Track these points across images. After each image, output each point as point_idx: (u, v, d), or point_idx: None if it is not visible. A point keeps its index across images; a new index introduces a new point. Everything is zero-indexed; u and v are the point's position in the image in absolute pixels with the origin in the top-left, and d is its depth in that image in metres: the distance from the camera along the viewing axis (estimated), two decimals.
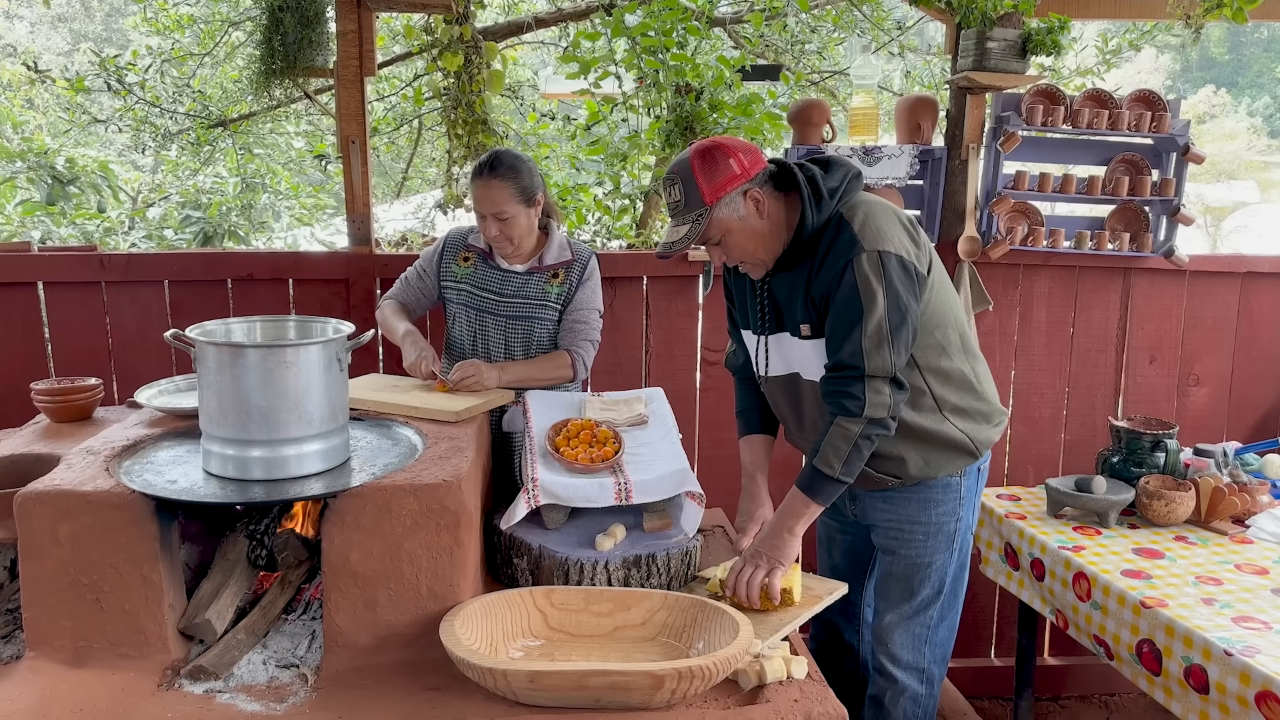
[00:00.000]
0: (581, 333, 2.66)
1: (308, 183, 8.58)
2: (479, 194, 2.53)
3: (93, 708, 1.72)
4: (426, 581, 1.90)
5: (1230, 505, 2.66)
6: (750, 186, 2.05)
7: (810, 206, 2.04)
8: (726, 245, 2.09)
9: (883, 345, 1.99)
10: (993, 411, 2.32)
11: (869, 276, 1.99)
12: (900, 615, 2.35)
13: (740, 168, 2.03)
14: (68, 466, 1.97)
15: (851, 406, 2.00)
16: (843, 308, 2.01)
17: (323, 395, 1.97)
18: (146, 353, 3.08)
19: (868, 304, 1.98)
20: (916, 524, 2.29)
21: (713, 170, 2.02)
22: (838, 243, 2.04)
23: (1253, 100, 23.65)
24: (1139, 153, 3.33)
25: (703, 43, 4.04)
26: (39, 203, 6.09)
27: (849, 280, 2.00)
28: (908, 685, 2.39)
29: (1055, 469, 3.54)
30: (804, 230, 2.05)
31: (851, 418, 2.01)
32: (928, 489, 2.26)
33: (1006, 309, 3.42)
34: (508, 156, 2.55)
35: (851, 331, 2.00)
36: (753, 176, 2.05)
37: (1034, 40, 3.11)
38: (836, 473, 2.03)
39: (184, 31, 6.44)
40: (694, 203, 2.03)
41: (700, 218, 2.03)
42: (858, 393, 2.00)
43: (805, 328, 2.13)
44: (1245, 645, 1.98)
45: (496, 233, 2.55)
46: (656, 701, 1.70)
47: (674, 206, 2.08)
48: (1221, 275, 3.51)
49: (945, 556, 2.31)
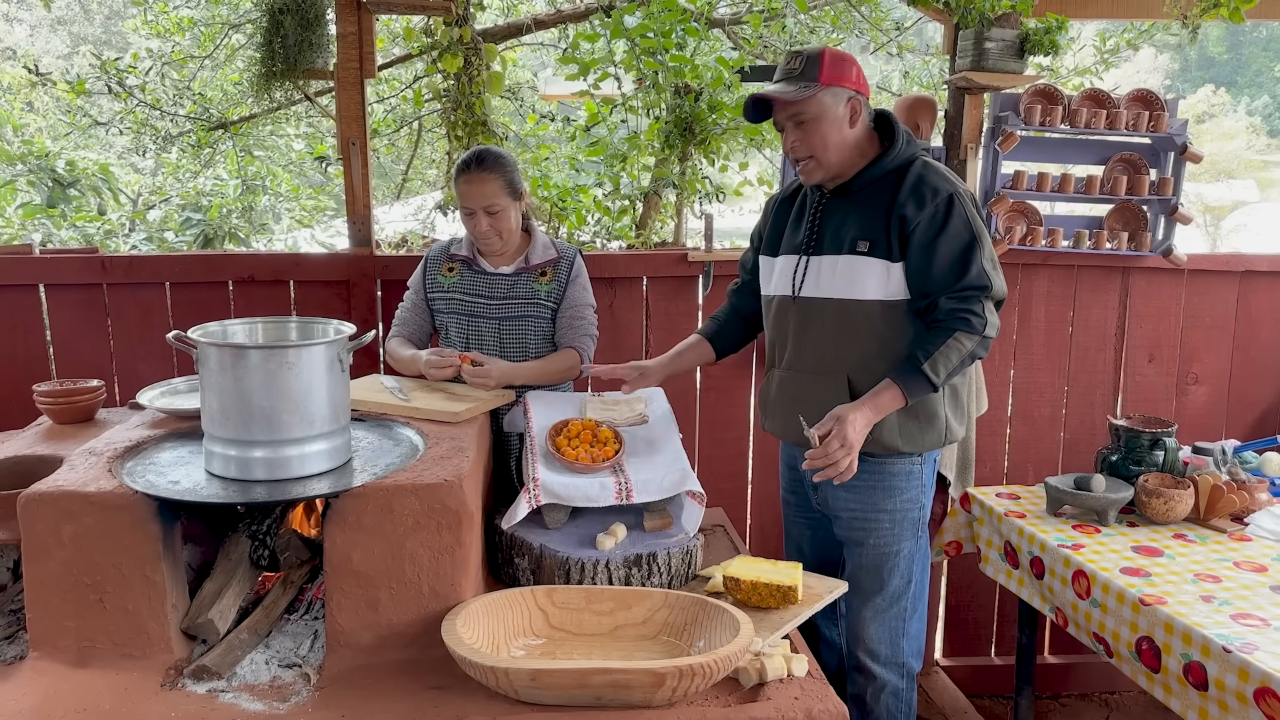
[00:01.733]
0: (580, 329, 2.68)
1: (308, 184, 8.59)
2: (468, 189, 2.54)
3: (96, 707, 1.73)
4: (428, 581, 1.91)
5: (1229, 503, 2.67)
6: (855, 96, 2.22)
7: (902, 141, 2.24)
8: (808, 130, 2.20)
9: (996, 269, 2.19)
10: (963, 403, 2.41)
11: (973, 211, 2.19)
12: (874, 609, 2.39)
13: (856, 79, 2.22)
14: (70, 468, 1.97)
15: (976, 323, 2.15)
16: (952, 235, 2.15)
17: (324, 396, 1.98)
18: (148, 354, 3.09)
19: (978, 231, 2.17)
20: (882, 512, 2.34)
21: (839, 65, 2.19)
22: (931, 178, 2.20)
23: (1251, 99, 23.66)
24: (1137, 152, 3.34)
25: (701, 44, 4.04)
26: (40, 205, 6.10)
27: (959, 210, 2.16)
28: (888, 681, 2.42)
29: (1054, 467, 3.55)
30: (885, 158, 2.23)
31: (971, 333, 2.15)
32: (890, 476, 2.32)
33: (1006, 308, 3.41)
34: (492, 151, 2.58)
35: (971, 254, 2.15)
36: (862, 93, 2.24)
37: (1032, 40, 3.12)
38: (940, 379, 2.15)
39: (184, 34, 6.45)
40: (810, 75, 2.18)
41: (809, 87, 2.16)
42: (980, 310, 2.15)
43: (864, 244, 2.23)
44: (1244, 642, 1.98)
45: (487, 227, 2.57)
46: (658, 699, 1.70)
47: (788, 70, 2.21)
48: (1220, 274, 3.52)
49: (911, 544, 2.38)
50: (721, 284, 3.26)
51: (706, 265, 3.25)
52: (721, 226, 3.54)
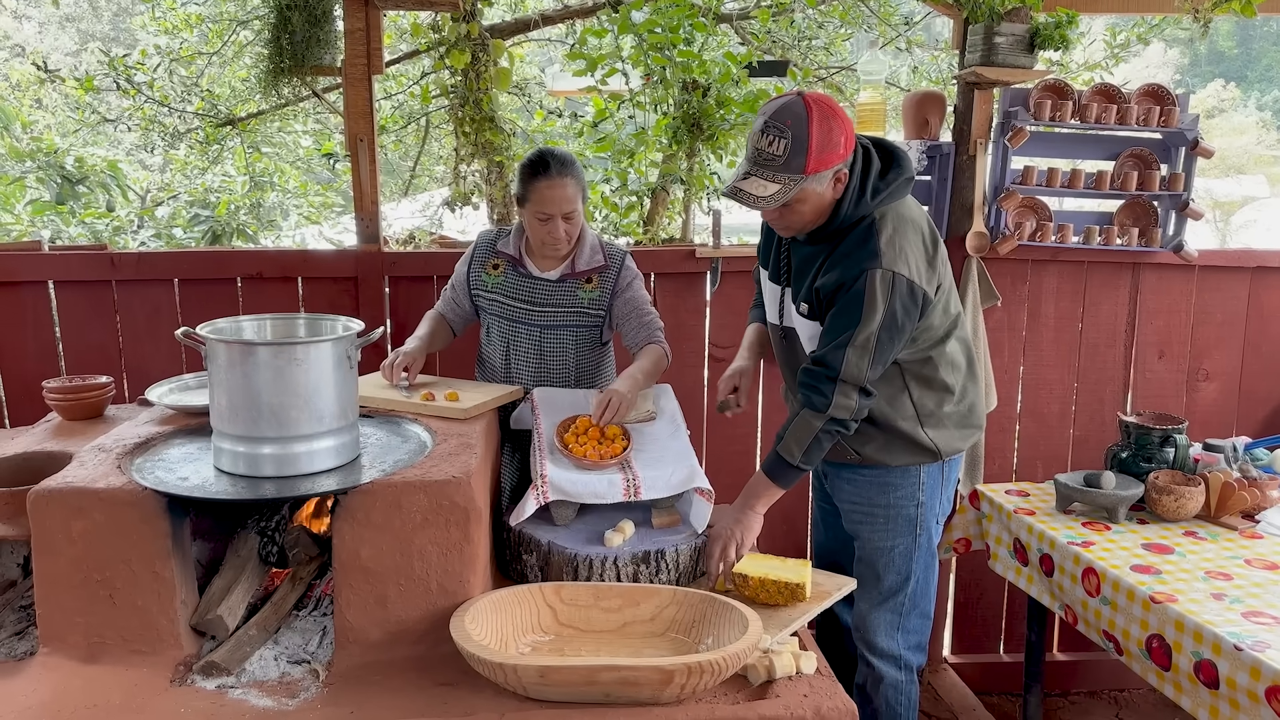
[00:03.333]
0: (651, 325, 2.63)
1: (316, 181, 8.59)
2: (550, 194, 2.43)
3: (106, 703, 1.73)
4: (436, 577, 1.91)
5: (1240, 500, 2.65)
6: (841, 167, 2.03)
7: (850, 202, 2.06)
8: (792, 211, 2.08)
9: (864, 357, 2.06)
10: (970, 425, 2.37)
11: (877, 292, 2.04)
12: (871, 602, 2.41)
13: (844, 146, 2.01)
14: (80, 464, 1.98)
15: (818, 403, 2.10)
16: (843, 311, 2.07)
17: (333, 392, 1.98)
18: (156, 351, 3.09)
19: (866, 316, 2.04)
20: (876, 507, 2.36)
21: (826, 141, 1.97)
22: (861, 248, 2.06)
23: (1262, 94, 23.54)
24: (1147, 147, 3.31)
25: (709, 39, 4.03)
26: (48, 202, 6.11)
27: (859, 289, 2.04)
28: (885, 673, 2.43)
29: (1064, 464, 3.53)
30: (835, 219, 2.09)
31: (816, 412, 2.11)
32: (886, 473, 2.33)
33: (1015, 305, 3.41)
34: (561, 153, 2.48)
35: (841, 335, 2.06)
36: (847, 158, 2.04)
37: (1042, 35, 3.10)
38: (797, 460, 2.15)
39: (192, 30, 6.45)
40: (795, 167, 1.97)
41: (794, 183, 1.99)
42: (827, 392, 2.08)
43: (804, 306, 2.19)
44: (1256, 640, 1.97)
45: (564, 233, 2.50)
46: (666, 696, 1.70)
47: (769, 158, 1.99)
48: (1231, 270, 3.49)
49: (907, 542, 2.37)
50: (728, 280, 3.26)
51: (714, 262, 3.25)
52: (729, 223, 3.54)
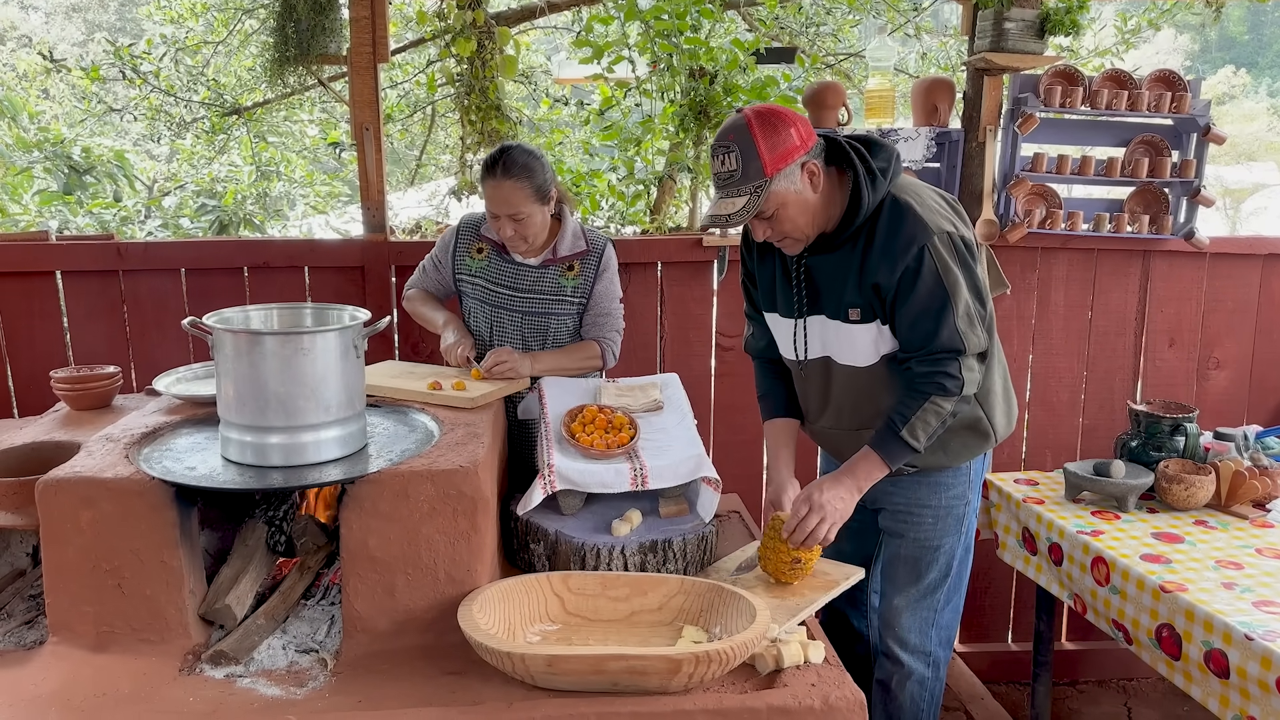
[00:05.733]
0: (607, 324, 2.66)
1: (322, 170, 8.60)
2: (492, 194, 2.46)
3: (115, 691, 1.74)
4: (444, 566, 1.91)
5: (1251, 489, 2.64)
6: (808, 159, 1.98)
7: (866, 186, 2.01)
8: (778, 219, 2.02)
9: (975, 324, 2.04)
10: (1011, 402, 2.35)
11: (946, 260, 2.00)
12: (907, 599, 2.36)
13: (799, 138, 1.96)
14: (88, 454, 1.98)
15: (951, 386, 2.03)
16: (923, 292, 2.00)
17: (340, 382, 1.98)
18: (164, 340, 3.10)
19: (952, 288, 2.00)
20: (926, 507, 2.30)
21: (774, 139, 1.92)
22: (902, 227, 2.01)
23: (1273, 81, 23.34)
24: (1158, 134, 3.29)
25: (717, 26, 4.01)
26: (56, 192, 6.12)
27: (929, 266, 1.99)
28: (914, 669, 2.40)
29: (1073, 453, 3.52)
30: (858, 210, 2.01)
31: (949, 396, 2.04)
32: (939, 473, 2.28)
33: (1024, 292, 3.39)
34: (519, 153, 2.45)
35: (944, 315, 2.00)
36: (810, 148, 1.99)
37: (1052, 20, 3.07)
38: (920, 444, 2.06)
39: (197, 19, 6.45)
40: (753, 173, 1.93)
41: (759, 190, 1.93)
42: (956, 372, 2.02)
43: (854, 311, 2.09)
44: (1266, 630, 1.96)
45: (511, 233, 2.51)
46: (674, 686, 1.70)
47: (727, 177, 1.96)
48: (1242, 257, 3.47)
49: (953, 540, 2.33)
50: (736, 269, 3.24)
51: (721, 250, 3.24)
52: None
